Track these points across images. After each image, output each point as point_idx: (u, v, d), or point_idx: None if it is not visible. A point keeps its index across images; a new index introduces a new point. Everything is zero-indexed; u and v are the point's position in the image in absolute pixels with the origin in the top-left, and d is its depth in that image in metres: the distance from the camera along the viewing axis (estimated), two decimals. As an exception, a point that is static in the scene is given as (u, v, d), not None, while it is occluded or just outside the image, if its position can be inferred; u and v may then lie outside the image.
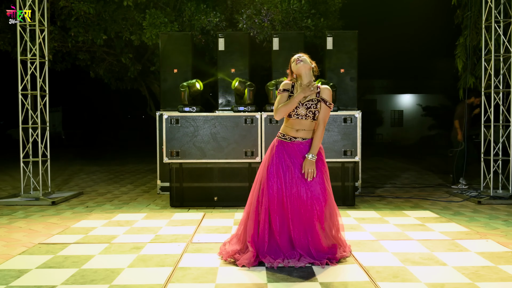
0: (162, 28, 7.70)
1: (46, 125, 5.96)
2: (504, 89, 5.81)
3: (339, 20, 9.57)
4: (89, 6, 7.63)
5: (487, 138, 5.87)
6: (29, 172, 5.80)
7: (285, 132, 3.18)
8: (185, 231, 4.03)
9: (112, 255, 3.31)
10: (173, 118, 5.15)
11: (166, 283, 2.71)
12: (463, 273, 2.85)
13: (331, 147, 5.12)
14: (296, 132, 3.14)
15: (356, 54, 6.14)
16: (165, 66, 6.22)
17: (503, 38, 5.74)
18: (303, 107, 3.10)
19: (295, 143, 3.14)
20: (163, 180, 6.23)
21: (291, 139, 3.15)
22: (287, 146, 3.14)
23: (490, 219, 4.56)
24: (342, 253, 3.15)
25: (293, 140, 3.14)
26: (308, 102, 3.12)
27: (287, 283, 2.72)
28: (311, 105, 3.11)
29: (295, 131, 3.14)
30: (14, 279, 2.79)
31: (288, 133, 3.16)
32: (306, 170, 3.03)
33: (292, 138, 3.15)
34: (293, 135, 3.15)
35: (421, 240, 3.68)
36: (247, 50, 6.19)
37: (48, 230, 4.18)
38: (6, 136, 23.22)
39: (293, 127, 3.14)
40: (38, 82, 5.77)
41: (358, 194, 6.04)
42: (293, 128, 3.14)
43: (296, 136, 3.14)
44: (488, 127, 5.88)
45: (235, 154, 5.14)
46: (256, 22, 7.94)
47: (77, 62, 9.75)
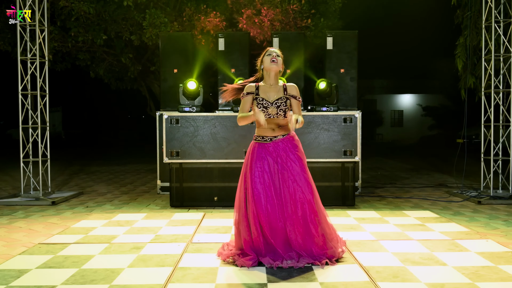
0: (162, 28, 7.70)
1: (46, 125, 5.96)
2: (504, 89, 5.81)
3: (339, 20, 9.57)
4: (89, 6, 7.63)
5: (487, 138, 5.87)
6: (29, 172, 5.80)
7: (263, 134, 3.16)
8: (185, 231, 4.03)
9: (112, 255, 3.31)
10: (173, 118, 5.15)
11: (166, 283, 2.71)
12: (463, 273, 2.85)
13: (331, 147, 5.12)
14: (273, 132, 3.14)
15: (356, 54, 6.13)
16: (165, 66, 6.22)
17: (503, 38, 5.74)
18: (273, 107, 3.12)
19: (277, 142, 3.12)
20: (163, 180, 6.23)
21: (271, 139, 3.14)
22: (269, 147, 3.12)
23: (490, 219, 4.56)
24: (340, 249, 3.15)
25: (273, 139, 3.13)
26: (278, 101, 3.13)
27: (287, 283, 2.72)
28: (281, 103, 3.13)
29: (272, 131, 3.14)
30: (14, 279, 2.79)
31: (266, 134, 3.14)
32: (295, 118, 2.92)
33: (272, 138, 3.14)
34: (272, 134, 3.14)
35: (421, 240, 3.68)
36: (247, 50, 6.19)
37: (48, 230, 4.18)
38: (6, 136, 23.21)
39: (269, 127, 3.13)
40: (38, 82, 5.78)
41: (358, 194, 6.04)
42: (269, 128, 3.13)
43: (275, 135, 3.14)
44: (488, 127, 5.88)
45: (235, 154, 5.14)
46: (256, 22, 7.94)
47: (77, 62, 9.76)
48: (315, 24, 8.32)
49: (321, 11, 8.89)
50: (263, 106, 3.12)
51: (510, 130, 5.72)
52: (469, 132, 9.20)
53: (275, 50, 3.19)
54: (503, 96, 5.90)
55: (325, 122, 5.12)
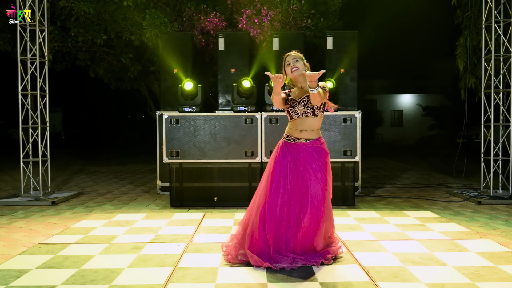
0: (162, 28, 7.70)
1: (46, 125, 5.96)
2: (504, 89, 5.81)
3: (339, 20, 9.56)
4: (89, 6, 7.62)
5: (487, 138, 5.87)
6: (29, 172, 5.80)
7: (289, 133, 3.17)
8: (185, 231, 4.03)
9: (112, 255, 3.31)
10: (173, 118, 5.15)
11: (166, 283, 2.71)
12: (463, 273, 2.85)
13: (331, 147, 5.12)
14: (299, 133, 3.11)
15: (356, 54, 6.13)
16: (165, 66, 6.23)
17: (503, 38, 5.74)
18: (300, 105, 3.08)
19: (298, 144, 3.11)
20: (163, 180, 6.23)
21: (295, 140, 3.13)
22: (291, 147, 3.12)
23: (490, 219, 4.56)
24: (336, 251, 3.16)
25: (296, 141, 3.12)
26: (304, 99, 3.08)
27: (287, 283, 2.72)
28: (307, 101, 3.06)
29: (299, 132, 3.11)
30: (14, 279, 2.79)
31: (292, 134, 3.14)
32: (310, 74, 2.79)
33: (295, 139, 3.13)
34: (297, 136, 3.12)
35: (421, 240, 3.68)
36: (247, 50, 6.19)
37: (48, 230, 4.18)
38: (6, 136, 23.22)
39: (296, 128, 3.12)
40: (38, 82, 5.77)
41: (358, 194, 6.04)
42: (297, 128, 3.12)
43: (299, 137, 3.11)
44: (488, 127, 5.88)
45: (235, 154, 5.14)
46: (256, 22, 7.93)
47: (77, 62, 9.75)
48: (315, 24, 8.32)
49: (321, 11, 8.88)
50: (291, 106, 3.11)
51: (510, 130, 5.72)
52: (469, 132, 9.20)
53: (292, 56, 3.13)
54: (503, 96, 5.90)
55: (325, 122, 5.12)
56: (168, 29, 7.75)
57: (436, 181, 7.75)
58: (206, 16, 8.06)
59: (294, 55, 3.14)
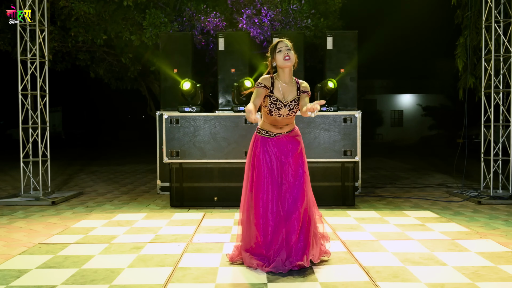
0: (162, 28, 7.70)
1: (46, 125, 5.96)
2: (504, 89, 5.81)
3: (339, 20, 9.58)
4: (89, 6, 7.63)
5: (487, 138, 5.87)
6: (29, 172, 5.80)
7: (267, 129, 3.12)
8: (185, 231, 4.03)
9: (112, 255, 3.31)
10: (173, 118, 5.15)
11: (166, 283, 2.71)
12: (463, 273, 2.85)
13: (331, 147, 5.12)
14: (280, 129, 3.11)
15: (356, 54, 6.13)
16: (165, 66, 6.22)
17: (503, 38, 5.74)
18: (286, 108, 3.04)
19: (280, 138, 3.10)
20: (163, 180, 6.23)
21: (275, 135, 3.11)
22: (272, 141, 3.09)
23: (490, 219, 4.56)
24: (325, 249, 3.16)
25: (278, 135, 3.11)
26: (291, 103, 3.04)
27: (287, 283, 2.72)
28: (294, 105, 3.05)
29: (279, 128, 3.11)
30: (14, 279, 2.79)
31: (271, 130, 3.11)
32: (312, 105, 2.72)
33: (276, 134, 3.11)
34: (277, 131, 3.11)
35: (421, 240, 3.68)
36: (247, 50, 6.19)
37: (48, 230, 4.18)
38: (6, 136, 23.21)
39: (276, 125, 3.09)
40: (38, 82, 5.77)
41: (358, 194, 6.04)
42: (276, 126, 3.09)
43: (280, 132, 3.11)
44: (488, 127, 5.88)
45: (235, 154, 5.14)
46: (256, 22, 7.94)
47: (77, 62, 9.76)
48: (315, 24, 8.33)
49: (321, 11, 8.89)
50: (275, 107, 3.02)
51: (510, 130, 5.72)
52: (469, 132, 9.19)
53: (285, 44, 3.01)
54: (503, 96, 5.90)
55: (325, 122, 5.12)
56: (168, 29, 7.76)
57: (436, 181, 7.75)
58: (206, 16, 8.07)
59: (287, 43, 3.04)
